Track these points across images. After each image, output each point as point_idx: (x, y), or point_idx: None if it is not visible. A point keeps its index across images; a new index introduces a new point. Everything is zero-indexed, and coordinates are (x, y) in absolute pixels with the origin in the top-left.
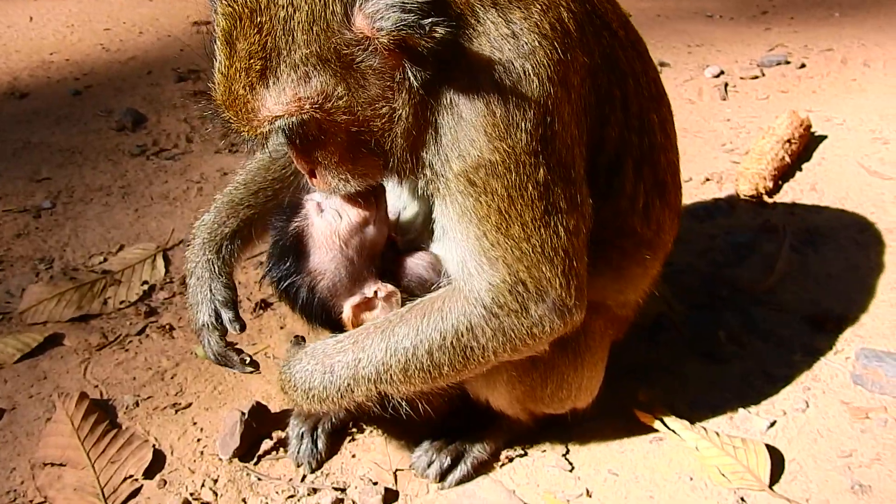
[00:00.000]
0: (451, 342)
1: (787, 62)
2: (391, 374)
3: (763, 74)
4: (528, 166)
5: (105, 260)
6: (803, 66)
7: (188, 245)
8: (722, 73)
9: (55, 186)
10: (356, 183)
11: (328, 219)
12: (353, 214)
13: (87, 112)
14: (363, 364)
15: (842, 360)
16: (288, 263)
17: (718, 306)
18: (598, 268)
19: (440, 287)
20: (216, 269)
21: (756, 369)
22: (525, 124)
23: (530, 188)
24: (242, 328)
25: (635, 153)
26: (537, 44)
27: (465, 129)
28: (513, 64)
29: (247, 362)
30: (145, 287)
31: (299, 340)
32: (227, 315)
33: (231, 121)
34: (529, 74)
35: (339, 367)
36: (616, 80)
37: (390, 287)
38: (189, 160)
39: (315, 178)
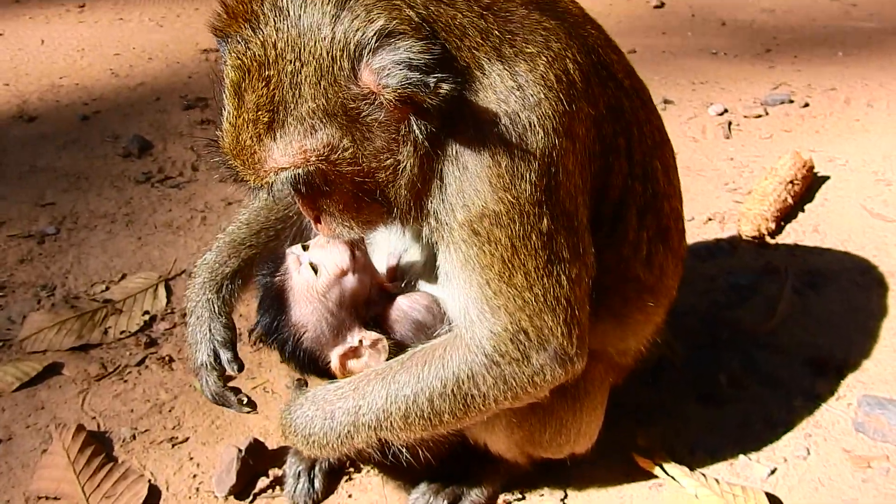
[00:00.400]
0: (452, 390)
1: (791, 101)
2: (392, 422)
3: (767, 113)
4: (533, 216)
5: (107, 288)
6: (807, 105)
7: (189, 283)
8: (726, 111)
9: (60, 212)
10: (360, 229)
11: (305, 274)
12: (331, 267)
13: (95, 137)
14: (363, 411)
15: (843, 406)
16: (272, 317)
17: (719, 348)
18: (599, 315)
19: (438, 330)
20: (216, 308)
21: (757, 413)
22: (530, 175)
23: (534, 238)
24: (241, 369)
25: (639, 201)
26: (542, 96)
27: (470, 180)
28: (518, 115)
29: (244, 402)
30: (146, 317)
31: (301, 384)
32: (225, 355)
33: (238, 169)
34: (535, 126)
35: (339, 413)
36: (621, 129)
37: (374, 335)
38: (194, 189)
39: (320, 223)
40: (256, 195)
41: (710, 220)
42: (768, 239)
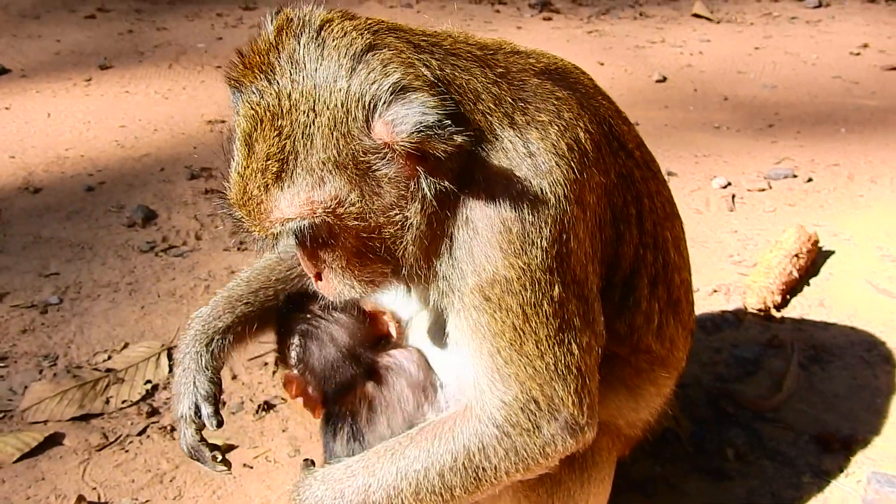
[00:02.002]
0: (463, 463)
1: (794, 176)
2: (402, 499)
3: (770, 187)
4: (544, 283)
5: (109, 358)
6: (810, 180)
7: (182, 335)
8: (729, 184)
9: (63, 282)
10: (363, 289)
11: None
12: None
13: (99, 208)
14: (374, 489)
15: (853, 483)
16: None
17: (724, 422)
18: (611, 385)
19: (429, 390)
20: (203, 362)
21: (763, 489)
22: (541, 241)
23: (546, 305)
24: (219, 425)
25: (650, 270)
26: (554, 163)
27: (481, 245)
28: (530, 182)
29: (219, 459)
30: (148, 386)
31: (309, 464)
32: (206, 410)
33: (243, 220)
34: (546, 193)
35: (349, 492)
36: (631, 198)
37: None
38: (197, 257)
39: (321, 281)
40: (261, 254)
41: (715, 291)
42: (774, 312)
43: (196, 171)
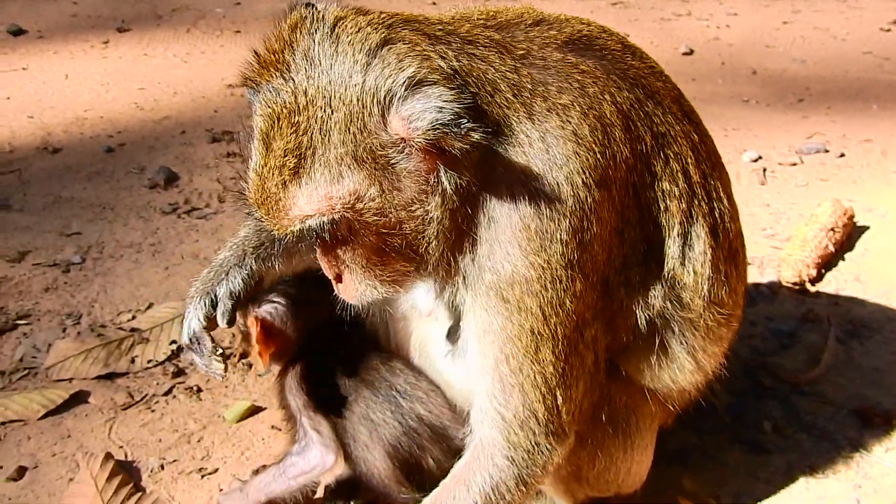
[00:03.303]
0: None
1: (826, 150)
2: None
3: (802, 162)
4: (566, 280)
5: (133, 317)
6: (843, 155)
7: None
8: (760, 157)
9: (85, 241)
10: (385, 288)
11: None
12: None
13: (120, 169)
14: None
15: (893, 458)
16: None
17: (761, 395)
18: (670, 348)
19: None
20: (247, 261)
21: (802, 462)
22: (560, 235)
23: (567, 303)
24: (230, 323)
25: (709, 220)
26: (572, 152)
27: (500, 242)
28: (546, 176)
29: (218, 353)
30: (173, 347)
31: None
32: (224, 304)
33: (263, 219)
34: (562, 185)
35: None
36: (673, 154)
37: None
38: (221, 220)
39: (341, 283)
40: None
41: (748, 264)
42: (809, 286)
43: (217, 134)
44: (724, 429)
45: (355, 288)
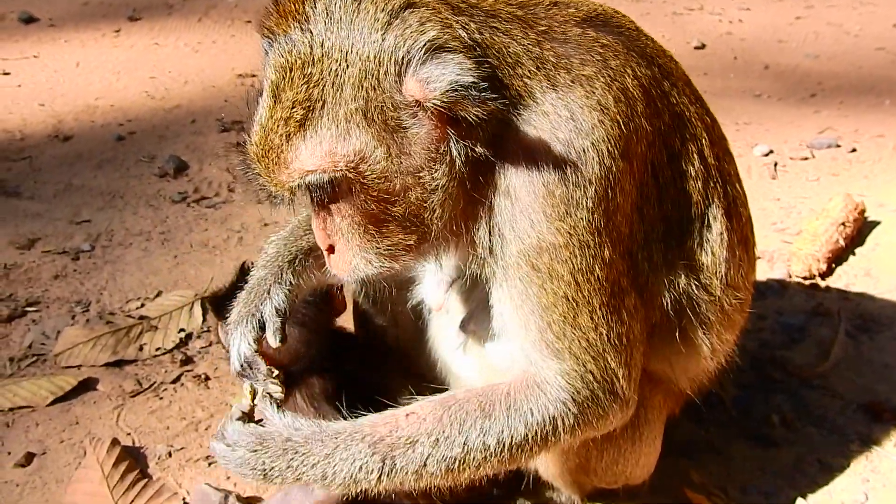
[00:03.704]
0: (532, 435)
1: (838, 146)
2: (462, 470)
3: (813, 156)
4: (594, 246)
5: (142, 305)
6: (854, 150)
7: (260, 257)
8: (771, 152)
9: (95, 229)
10: (379, 264)
11: None
12: None
13: (130, 157)
14: (433, 460)
15: None
16: None
17: (770, 388)
18: (686, 336)
19: None
20: (284, 277)
21: (811, 456)
22: (586, 202)
23: (598, 270)
24: (283, 341)
25: (723, 203)
26: (597, 121)
27: (524, 211)
28: (571, 143)
29: (274, 374)
30: (182, 335)
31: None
32: (273, 323)
33: (260, 175)
34: (589, 152)
35: (401, 460)
36: (689, 136)
37: None
38: (230, 209)
39: (333, 255)
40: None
41: (758, 258)
42: (819, 280)
43: (228, 123)
44: (733, 422)
45: (348, 260)
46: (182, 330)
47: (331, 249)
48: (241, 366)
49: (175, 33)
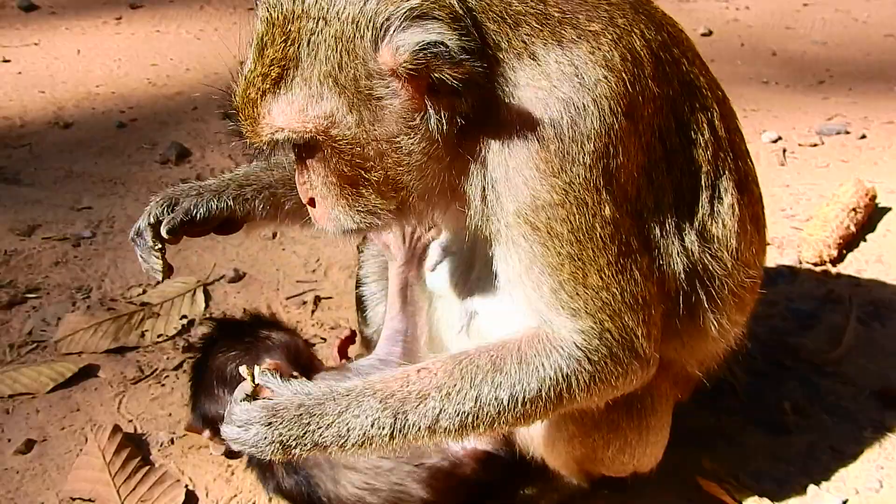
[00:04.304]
0: (546, 391)
1: (847, 132)
2: (475, 426)
3: (822, 143)
4: (592, 204)
5: (144, 292)
6: (864, 136)
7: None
8: (780, 138)
9: (96, 216)
10: (359, 220)
11: None
12: None
13: (132, 144)
14: (445, 414)
15: None
16: None
17: (781, 375)
18: (694, 314)
19: None
20: (223, 194)
21: (824, 443)
22: (583, 158)
23: (598, 228)
24: (170, 233)
25: (734, 176)
26: (601, 76)
27: (517, 167)
28: (572, 99)
29: (158, 248)
30: (184, 321)
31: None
32: (176, 215)
33: (241, 124)
34: (589, 107)
35: (413, 415)
36: (700, 106)
37: None
38: None
39: (314, 208)
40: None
41: (768, 244)
42: (830, 267)
43: (229, 110)
44: (744, 409)
45: (327, 214)
46: (184, 317)
47: (311, 202)
48: (134, 233)
49: (176, 20)
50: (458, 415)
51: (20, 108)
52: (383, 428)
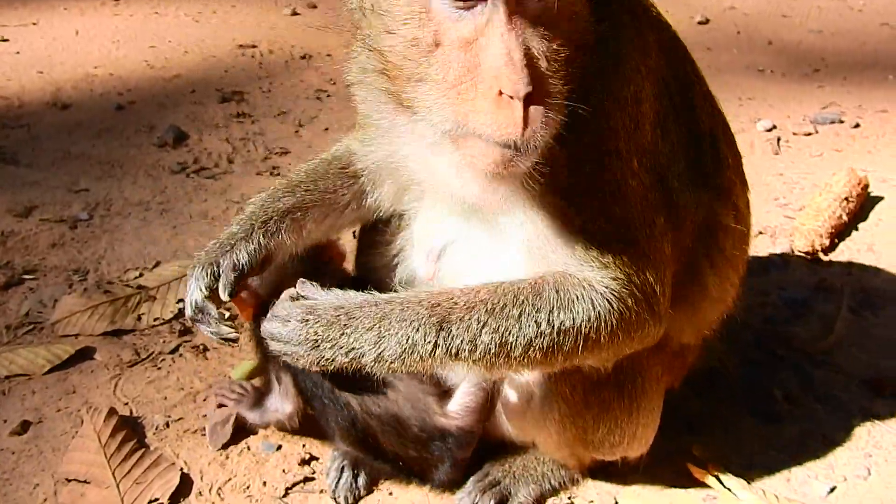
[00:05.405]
0: (576, 329)
1: (842, 121)
2: (497, 361)
3: (817, 132)
4: (625, 154)
5: (140, 275)
6: (858, 125)
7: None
8: (774, 127)
9: (93, 198)
10: (556, 121)
11: None
12: None
13: (129, 127)
14: (488, 328)
15: None
16: None
17: (773, 364)
18: (697, 274)
19: None
20: (255, 236)
21: (814, 431)
22: (646, 125)
23: (630, 181)
24: (231, 295)
25: (727, 138)
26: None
27: (597, 113)
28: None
29: (225, 317)
30: (180, 305)
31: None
32: (227, 277)
33: None
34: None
35: (457, 327)
36: (693, 73)
37: None
38: (230, 180)
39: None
40: None
41: (760, 234)
42: (822, 256)
43: (227, 94)
44: (736, 397)
45: (542, 113)
46: (181, 300)
47: (527, 99)
48: (193, 312)
49: (175, 3)
50: (499, 331)
51: (18, 87)
52: (427, 335)
